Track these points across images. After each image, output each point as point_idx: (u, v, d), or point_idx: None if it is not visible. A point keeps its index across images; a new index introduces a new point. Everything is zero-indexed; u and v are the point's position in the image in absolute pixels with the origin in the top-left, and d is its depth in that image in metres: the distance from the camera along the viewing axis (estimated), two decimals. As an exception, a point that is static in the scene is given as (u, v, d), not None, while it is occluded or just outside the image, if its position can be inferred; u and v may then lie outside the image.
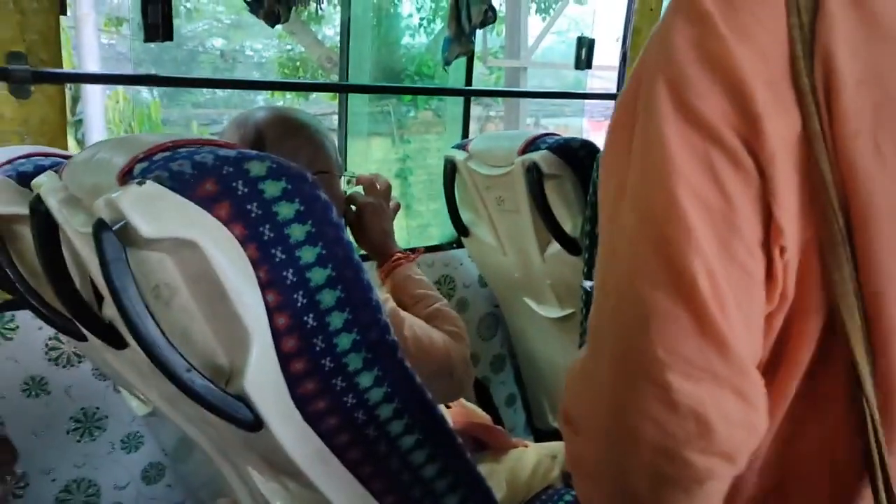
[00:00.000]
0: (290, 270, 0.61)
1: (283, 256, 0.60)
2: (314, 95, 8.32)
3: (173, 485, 1.46)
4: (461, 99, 1.87)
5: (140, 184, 0.57)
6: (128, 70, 6.80)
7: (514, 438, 1.40)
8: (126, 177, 0.61)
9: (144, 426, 1.40)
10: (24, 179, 0.91)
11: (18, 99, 1.18)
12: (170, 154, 0.62)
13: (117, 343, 0.87)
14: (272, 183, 0.60)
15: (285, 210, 0.60)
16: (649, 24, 2.11)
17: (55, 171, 0.79)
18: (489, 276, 1.88)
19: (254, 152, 0.61)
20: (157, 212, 0.57)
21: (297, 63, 8.58)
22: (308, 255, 0.61)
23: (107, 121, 5.91)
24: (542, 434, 1.97)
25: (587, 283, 0.72)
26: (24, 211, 0.89)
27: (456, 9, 1.52)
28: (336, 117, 1.86)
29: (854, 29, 0.44)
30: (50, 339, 1.28)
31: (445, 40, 1.56)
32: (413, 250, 1.19)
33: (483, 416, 1.44)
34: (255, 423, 0.61)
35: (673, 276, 0.43)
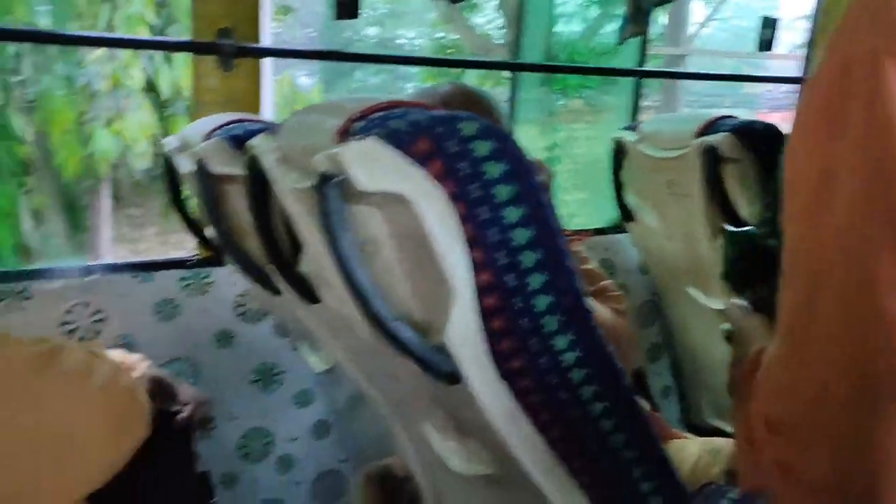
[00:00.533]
0: (495, 229, 0.62)
1: (489, 215, 0.62)
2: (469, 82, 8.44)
3: (339, 442, 1.54)
4: (618, 87, 1.83)
5: (360, 140, 0.61)
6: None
7: (673, 430, 1.36)
8: (344, 135, 0.65)
9: (316, 384, 1.49)
10: (236, 142, 0.99)
11: (224, 71, 1.28)
12: (385, 114, 0.65)
13: (311, 297, 0.93)
14: (482, 143, 0.61)
15: (493, 169, 0.61)
16: (839, 6, 1.96)
17: (269, 134, 0.85)
18: (652, 263, 1.83)
19: (465, 113, 0.63)
20: (375, 166, 0.60)
21: (449, 51, 8.73)
22: (512, 215, 0.62)
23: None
24: (696, 430, 1.91)
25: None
26: (236, 171, 0.97)
27: (636, -14, 1.49)
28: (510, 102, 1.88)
29: None
30: (239, 295, 1.38)
31: (623, 19, 1.53)
32: (578, 232, 1.19)
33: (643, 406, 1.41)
34: (453, 376, 0.63)
35: None
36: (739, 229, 0.72)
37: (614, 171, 1.70)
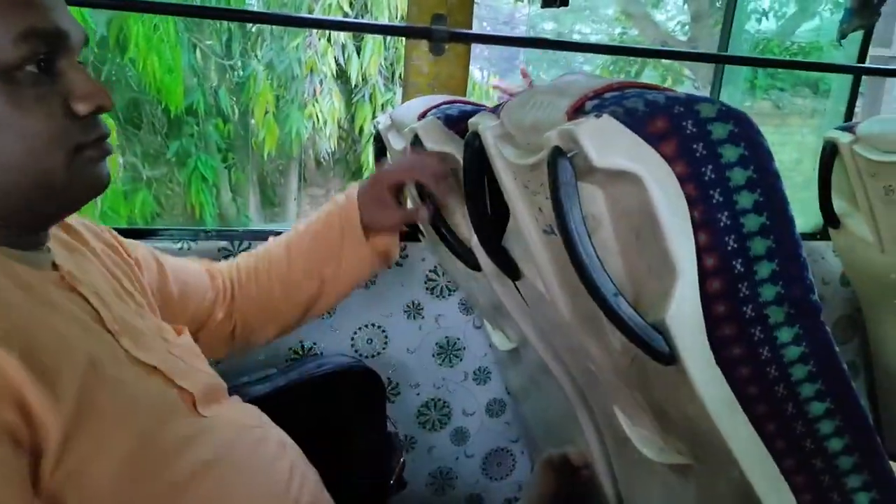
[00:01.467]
0: (726, 213, 0.61)
1: (721, 199, 0.61)
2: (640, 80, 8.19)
3: (511, 422, 1.58)
4: (817, 89, 1.70)
5: (597, 117, 0.62)
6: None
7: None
8: (577, 112, 0.67)
9: (495, 363, 1.53)
10: (450, 122, 1.04)
11: (435, 55, 1.34)
12: (620, 93, 0.66)
13: (513, 272, 0.96)
14: (720, 125, 0.61)
15: (729, 153, 0.61)
16: None
17: (490, 112, 0.88)
18: (856, 275, 1.70)
19: (702, 95, 0.63)
20: (608, 143, 0.61)
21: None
22: (745, 200, 0.61)
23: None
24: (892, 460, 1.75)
25: None
26: (449, 149, 1.02)
27: (867, -26, 1.38)
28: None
29: None
30: (430, 270, 1.45)
31: (846, 11, 1.43)
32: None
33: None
34: (669, 357, 0.63)
35: None
36: None
37: (822, 174, 1.60)
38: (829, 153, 1.56)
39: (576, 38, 9.55)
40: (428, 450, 1.54)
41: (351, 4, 5.57)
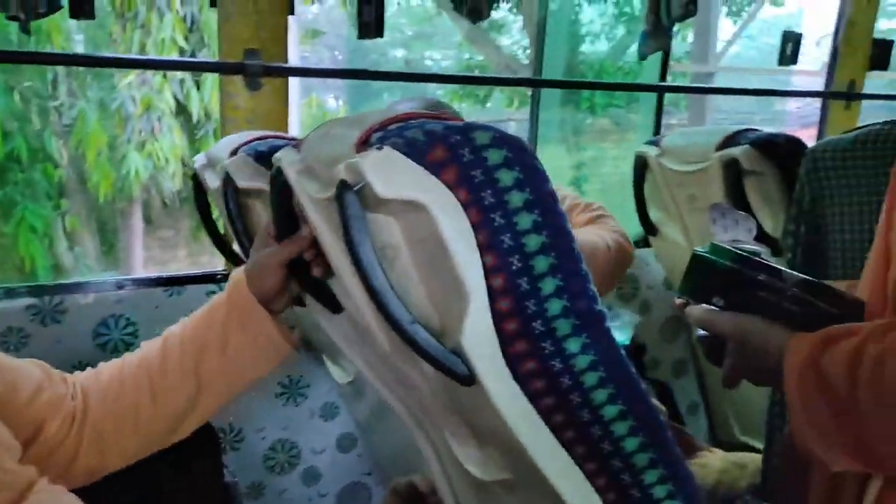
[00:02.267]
0: (508, 235, 0.64)
1: (502, 221, 0.63)
2: (489, 104, 8.49)
3: (363, 455, 1.56)
4: (645, 105, 1.84)
5: (378, 149, 0.63)
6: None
7: (700, 444, 1.36)
8: (364, 145, 0.67)
9: (340, 397, 1.51)
10: (260, 158, 1.02)
11: (251, 91, 1.32)
12: (403, 124, 0.67)
13: (333, 306, 0.95)
14: (495, 151, 0.63)
15: (506, 177, 0.63)
16: (866, 17, 1.96)
17: (293, 147, 0.88)
18: (676, 278, 1.83)
19: (479, 122, 0.65)
20: (392, 174, 0.62)
21: (476, 71, 8.79)
22: (525, 221, 0.64)
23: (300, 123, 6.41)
24: (724, 446, 1.89)
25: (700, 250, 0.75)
26: (261, 185, 1.00)
27: (656, 1, 1.50)
28: (513, 125, 1.90)
29: None
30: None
31: (642, 35, 1.55)
32: None
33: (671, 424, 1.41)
34: (469, 378, 0.65)
35: None
36: (704, 253, 0.78)
37: (637, 187, 1.71)
38: (641, 167, 1.67)
39: (427, 63, 9.77)
40: (279, 494, 1.49)
41: (186, 38, 5.40)
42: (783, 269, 0.72)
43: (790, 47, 1.76)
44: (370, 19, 1.38)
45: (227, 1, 1.31)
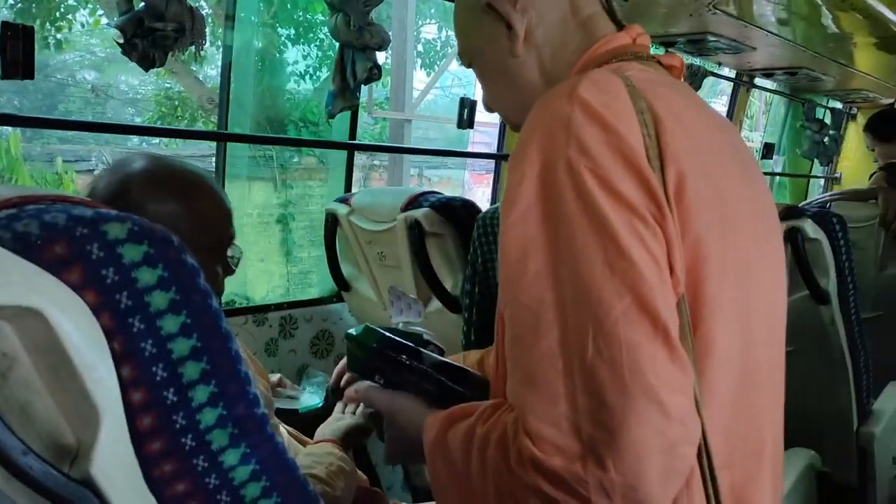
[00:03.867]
0: (150, 341, 0.56)
1: (142, 326, 0.56)
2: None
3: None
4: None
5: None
6: (-15, 101, 6.33)
7: (392, 501, 1.36)
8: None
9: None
10: None
11: None
12: (15, 212, 0.56)
13: None
14: (132, 247, 0.55)
15: (146, 276, 0.56)
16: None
17: None
18: (369, 332, 1.85)
19: (113, 212, 0.57)
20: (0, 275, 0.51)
21: (176, 102, 8.31)
22: (171, 324, 0.57)
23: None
24: (419, 492, 1.94)
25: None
26: None
27: (341, 63, 1.52)
28: (215, 160, 1.80)
29: (682, 138, 0.59)
30: None
31: (329, 94, 1.55)
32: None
33: (362, 478, 1.40)
34: (99, 512, 0.55)
35: (648, 319, 0.54)
36: (355, 335, 0.82)
37: (328, 243, 1.70)
38: (332, 223, 1.67)
39: (122, 88, 8.98)
40: None
41: None
42: (423, 350, 0.77)
43: (466, 113, 1.90)
44: (17, 57, 1.19)
45: None
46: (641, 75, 0.64)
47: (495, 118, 2.20)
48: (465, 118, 1.90)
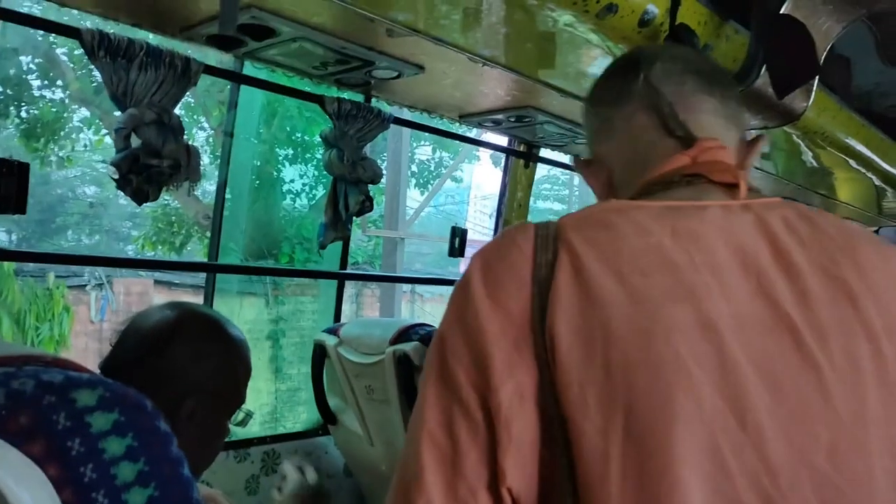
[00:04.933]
0: (114, 517, 0.52)
1: (106, 501, 0.52)
2: (189, 248, 8.13)
3: None
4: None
5: (-64, 417, 0.49)
6: (-17, 216, 6.40)
7: None
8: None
9: None
10: None
11: None
12: (-12, 376, 0.54)
13: None
14: (101, 415, 0.53)
15: (114, 446, 0.53)
16: (518, 219, 2.22)
17: None
18: (355, 467, 1.78)
19: (85, 377, 0.55)
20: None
21: (173, 217, 8.43)
22: (137, 498, 0.54)
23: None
24: None
25: None
26: None
27: (334, 196, 1.54)
28: (205, 283, 1.78)
29: (573, 297, 0.53)
30: None
31: (321, 225, 1.56)
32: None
33: None
34: None
35: None
36: None
37: (315, 374, 1.67)
38: (319, 354, 1.64)
39: (122, 202, 9.13)
40: None
41: None
42: None
43: (457, 241, 1.91)
44: (10, 193, 1.20)
45: None
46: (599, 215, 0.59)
47: (489, 237, 2.22)
48: (457, 247, 1.91)
